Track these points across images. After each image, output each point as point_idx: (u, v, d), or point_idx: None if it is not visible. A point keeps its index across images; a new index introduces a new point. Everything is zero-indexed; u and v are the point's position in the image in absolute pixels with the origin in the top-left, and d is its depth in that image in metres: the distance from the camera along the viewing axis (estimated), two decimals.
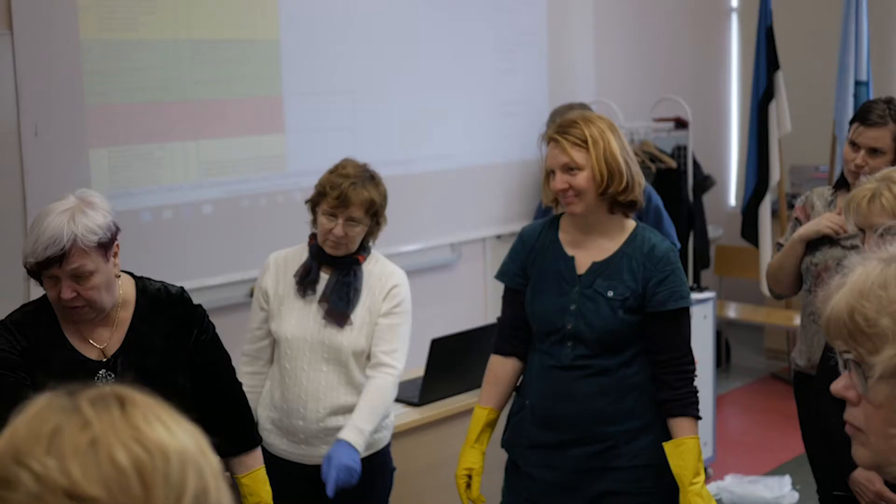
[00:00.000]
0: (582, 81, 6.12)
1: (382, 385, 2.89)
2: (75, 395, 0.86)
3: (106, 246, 2.20)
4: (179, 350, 2.36)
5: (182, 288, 2.45)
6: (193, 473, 0.83)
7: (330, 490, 2.72)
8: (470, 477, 2.73)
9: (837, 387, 1.20)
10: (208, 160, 4.44)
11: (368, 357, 2.96)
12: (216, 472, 0.86)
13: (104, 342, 2.29)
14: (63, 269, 2.15)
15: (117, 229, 2.25)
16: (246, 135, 4.57)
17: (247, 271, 4.42)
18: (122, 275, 2.35)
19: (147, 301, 2.36)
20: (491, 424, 2.78)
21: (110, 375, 2.27)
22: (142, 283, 2.39)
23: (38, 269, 2.17)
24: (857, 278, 1.17)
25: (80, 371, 2.25)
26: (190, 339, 2.38)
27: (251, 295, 4.43)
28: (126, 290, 2.34)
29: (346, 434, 2.78)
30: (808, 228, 3.16)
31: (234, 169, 4.53)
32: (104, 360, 2.29)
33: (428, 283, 5.23)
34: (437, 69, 5.29)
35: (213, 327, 2.46)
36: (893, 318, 1.13)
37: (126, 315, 2.33)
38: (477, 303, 5.57)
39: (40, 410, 0.84)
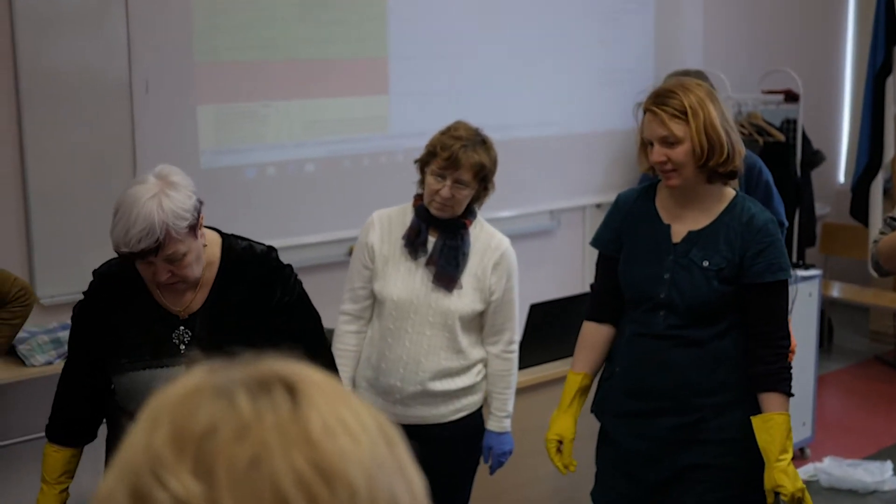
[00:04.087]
0: (689, 50, 5.99)
1: (510, 368, 3.08)
2: (228, 370, 0.65)
3: (195, 226, 2.19)
4: (260, 311, 2.31)
5: (269, 247, 2.38)
6: None
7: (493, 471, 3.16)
8: (561, 442, 2.72)
9: None
10: (312, 119, 4.49)
11: (474, 322, 2.98)
12: (419, 499, 0.65)
13: (187, 302, 2.30)
14: (158, 257, 2.15)
15: (201, 204, 2.23)
16: (350, 95, 4.60)
17: (347, 230, 4.46)
18: (209, 233, 2.32)
19: (232, 261, 2.33)
20: (584, 390, 2.76)
21: (187, 333, 2.27)
22: (228, 242, 2.35)
23: (132, 257, 2.16)
24: None
25: (158, 324, 2.27)
26: (272, 299, 2.32)
27: (350, 254, 4.49)
28: (212, 250, 2.31)
29: (494, 425, 3.10)
30: None
31: (338, 129, 4.57)
32: (185, 317, 2.29)
33: (526, 250, 5.20)
34: (543, 35, 5.24)
35: (300, 287, 2.39)
36: None
37: (210, 275, 2.30)
38: (574, 271, 5.53)
39: (190, 393, 0.63)
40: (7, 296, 3.22)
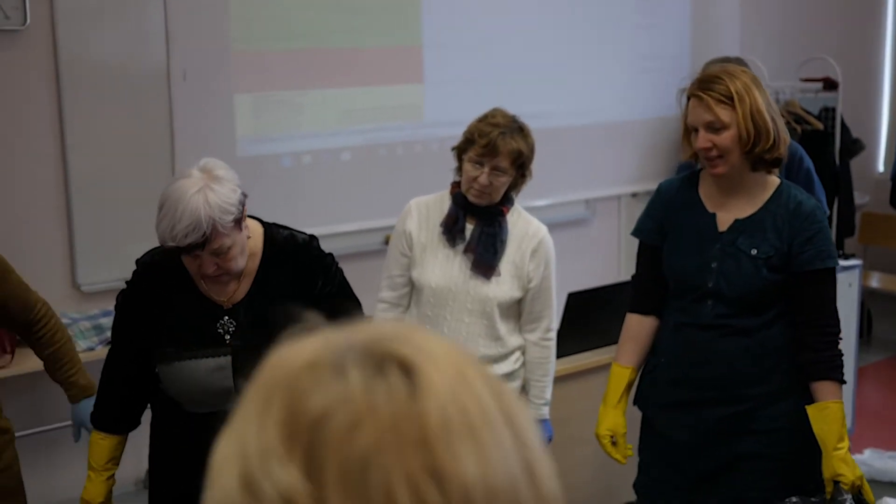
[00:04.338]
0: (726, 37, 5.94)
1: (548, 356, 3.05)
2: (345, 338, 0.62)
3: (240, 219, 2.19)
4: (302, 300, 2.28)
5: (311, 236, 2.38)
6: None
7: None
8: (613, 437, 2.70)
9: None
10: (348, 108, 4.49)
11: (512, 309, 2.97)
12: (543, 483, 0.61)
13: (231, 292, 2.30)
14: (205, 251, 2.15)
15: (245, 197, 2.22)
16: (385, 84, 4.60)
17: (382, 219, 4.47)
18: (251, 222, 2.31)
19: (274, 251, 2.33)
20: (631, 384, 2.74)
21: (232, 323, 2.28)
22: (269, 232, 2.35)
23: (178, 251, 2.17)
24: None
25: (203, 314, 2.27)
26: (314, 289, 2.32)
27: (386, 242, 4.49)
28: (254, 240, 2.30)
29: (533, 412, 2.96)
30: None
31: (373, 117, 4.56)
32: (228, 307, 2.29)
33: (561, 239, 5.17)
34: (578, 23, 5.21)
35: (342, 276, 2.40)
36: None
37: (253, 266, 2.31)
38: (611, 260, 5.51)
39: (306, 368, 0.61)
40: (32, 311, 2.60)
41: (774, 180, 2.59)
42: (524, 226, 2.97)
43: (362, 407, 0.58)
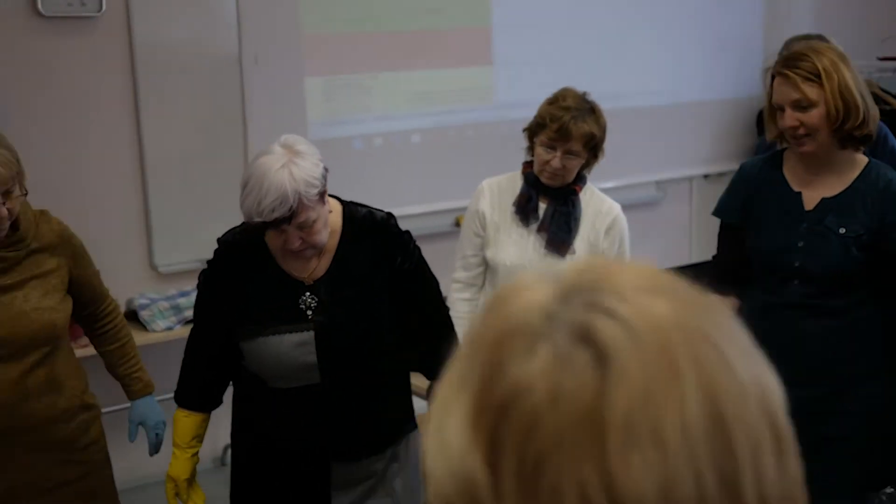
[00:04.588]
0: (801, 16, 5.81)
1: None
2: (556, 302, 0.58)
3: (323, 193, 2.21)
4: (382, 277, 2.34)
5: (389, 214, 2.40)
6: None
7: None
8: None
9: None
10: (417, 90, 4.48)
11: None
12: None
13: (311, 269, 2.31)
14: (291, 224, 2.17)
15: (327, 171, 2.24)
16: (455, 66, 4.58)
17: (452, 201, 4.46)
18: (330, 200, 2.32)
19: (353, 228, 2.35)
20: None
21: (313, 299, 2.29)
22: (349, 210, 2.37)
23: (264, 227, 2.19)
24: None
25: (283, 291, 2.29)
26: (393, 265, 2.34)
27: (457, 224, 4.48)
28: (334, 217, 2.33)
29: None
30: None
31: (443, 100, 4.55)
32: (309, 283, 2.31)
33: (631, 221, 5.09)
34: (649, 2, 5.13)
35: (419, 253, 2.42)
36: None
37: (333, 243, 2.33)
38: (682, 243, 5.43)
39: (511, 333, 0.58)
40: (103, 302, 2.62)
41: (862, 158, 2.53)
42: (598, 204, 2.95)
43: (545, 397, 0.55)
